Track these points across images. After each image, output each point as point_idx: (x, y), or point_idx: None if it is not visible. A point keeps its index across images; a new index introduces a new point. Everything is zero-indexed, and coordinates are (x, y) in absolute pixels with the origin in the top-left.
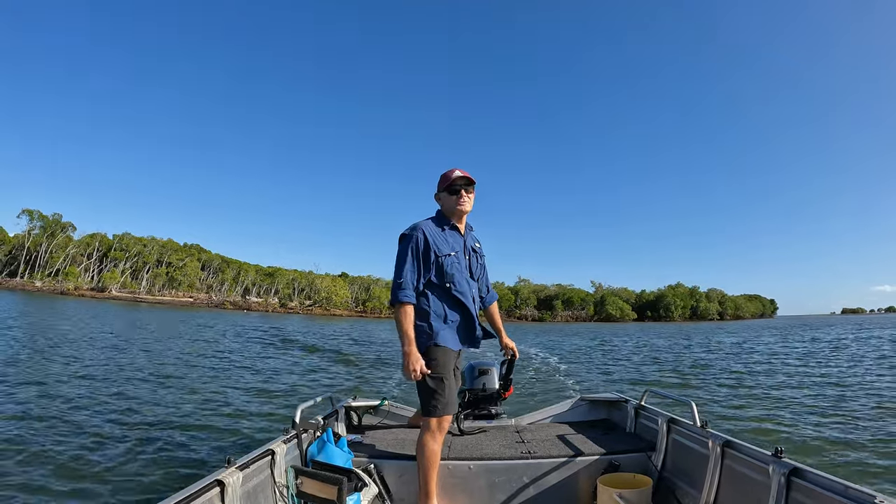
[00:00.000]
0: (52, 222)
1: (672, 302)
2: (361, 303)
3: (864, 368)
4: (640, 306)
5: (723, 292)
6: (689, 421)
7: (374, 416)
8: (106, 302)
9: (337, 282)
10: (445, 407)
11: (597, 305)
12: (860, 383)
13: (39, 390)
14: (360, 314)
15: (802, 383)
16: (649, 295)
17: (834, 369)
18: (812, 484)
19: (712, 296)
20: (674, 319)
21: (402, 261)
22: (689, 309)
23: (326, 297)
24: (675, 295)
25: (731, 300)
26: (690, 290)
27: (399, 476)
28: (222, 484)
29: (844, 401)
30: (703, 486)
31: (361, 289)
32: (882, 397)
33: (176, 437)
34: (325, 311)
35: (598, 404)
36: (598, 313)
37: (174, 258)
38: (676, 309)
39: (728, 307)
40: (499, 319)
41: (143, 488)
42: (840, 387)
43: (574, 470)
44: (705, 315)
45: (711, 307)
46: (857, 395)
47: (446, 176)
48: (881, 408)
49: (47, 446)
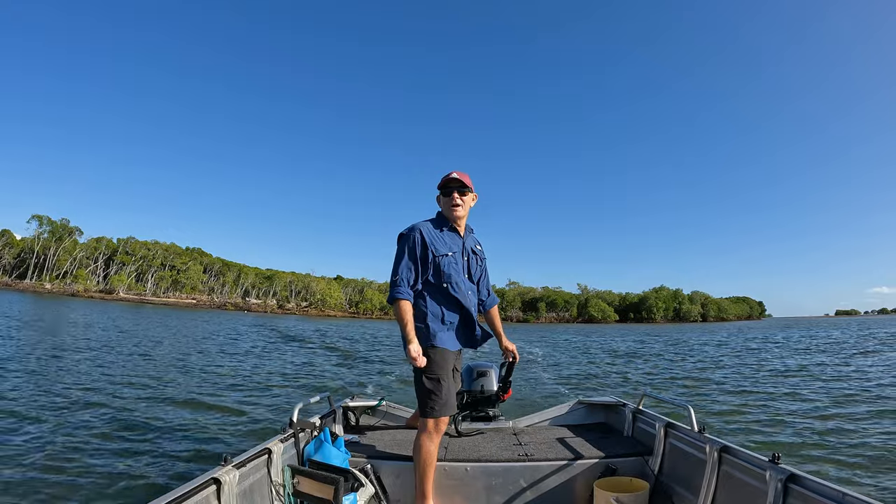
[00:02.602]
0: (60, 227)
1: (654, 304)
2: (354, 304)
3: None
4: (624, 308)
5: (706, 295)
6: (687, 425)
7: (372, 416)
8: (114, 303)
9: (331, 284)
10: (443, 408)
11: (580, 307)
12: (712, 378)
13: (41, 388)
14: (352, 315)
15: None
16: (633, 297)
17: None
18: (809, 490)
19: (695, 298)
20: (656, 321)
21: (399, 259)
22: (671, 311)
23: (321, 299)
24: (657, 297)
25: (715, 302)
26: (674, 293)
27: (396, 477)
28: (219, 482)
29: (699, 390)
30: (700, 491)
31: (355, 291)
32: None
33: (172, 435)
34: (320, 312)
35: (595, 408)
36: (581, 315)
37: (178, 262)
38: (658, 311)
39: (711, 309)
40: (499, 323)
41: (139, 486)
42: (695, 379)
43: (571, 473)
44: (687, 317)
45: (694, 309)
46: (705, 385)
47: (443, 178)
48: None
49: (43, 444)
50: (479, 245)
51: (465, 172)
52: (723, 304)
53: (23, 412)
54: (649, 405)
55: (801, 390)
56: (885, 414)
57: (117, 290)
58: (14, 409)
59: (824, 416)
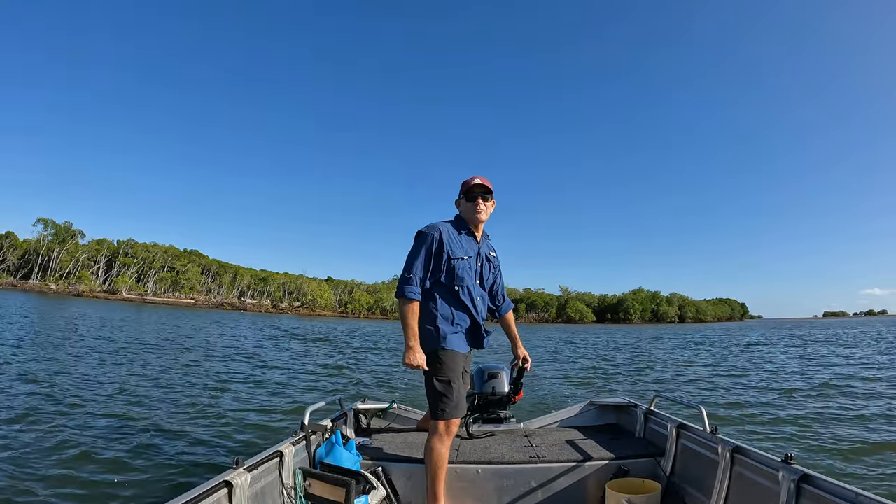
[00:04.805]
0: (64, 229)
1: (631, 306)
2: (344, 304)
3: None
4: (602, 309)
5: (684, 297)
6: (699, 426)
7: (383, 419)
8: (117, 303)
9: (322, 286)
10: (454, 410)
11: (559, 308)
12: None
13: (47, 388)
14: (342, 315)
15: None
16: (612, 299)
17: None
18: (822, 491)
19: (673, 300)
20: (633, 322)
21: (414, 257)
22: (649, 312)
23: (312, 300)
24: (635, 299)
25: (693, 304)
26: (652, 295)
27: (407, 479)
28: (230, 485)
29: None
30: (713, 492)
31: (345, 292)
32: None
33: (184, 438)
34: (311, 312)
35: (607, 409)
36: (560, 315)
37: (177, 264)
38: (635, 312)
39: (689, 311)
40: (514, 328)
41: (150, 488)
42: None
43: (583, 475)
44: (665, 318)
45: (671, 311)
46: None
47: (466, 182)
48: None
49: (54, 444)
50: (494, 252)
51: (485, 177)
52: (701, 305)
53: (29, 413)
54: (661, 406)
55: (640, 377)
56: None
57: (120, 291)
58: (20, 410)
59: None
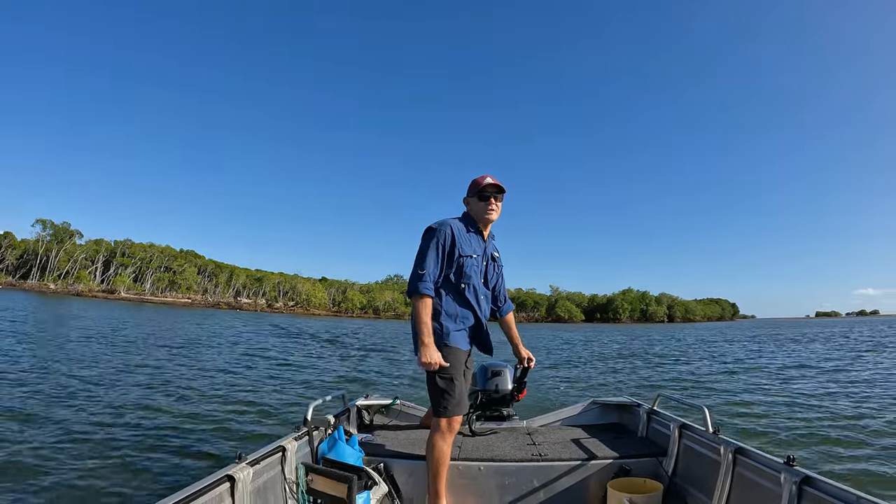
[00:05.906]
0: (62, 230)
1: (620, 305)
2: (337, 304)
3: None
4: (592, 309)
5: (673, 297)
6: (702, 426)
7: (386, 415)
8: (116, 302)
9: (316, 285)
10: (456, 407)
11: (549, 308)
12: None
13: (59, 384)
14: (335, 314)
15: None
16: (601, 298)
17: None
18: (824, 493)
19: (662, 300)
20: (622, 321)
21: (426, 253)
22: (638, 312)
23: (307, 299)
24: (624, 299)
25: (681, 304)
26: (641, 295)
27: (409, 475)
28: (233, 479)
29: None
30: (714, 493)
31: (338, 291)
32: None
33: (186, 433)
34: (305, 311)
35: (609, 408)
36: (549, 315)
37: (174, 264)
38: (624, 312)
39: (677, 311)
40: (515, 329)
41: (153, 482)
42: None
43: (585, 473)
44: (653, 318)
45: (660, 310)
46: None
47: (477, 182)
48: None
49: (60, 439)
50: (497, 252)
51: (495, 177)
52: (690, 305)
53: (33, 410)
54: (663, 406)
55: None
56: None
57: (119, 290)
58: (25, 408)
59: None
